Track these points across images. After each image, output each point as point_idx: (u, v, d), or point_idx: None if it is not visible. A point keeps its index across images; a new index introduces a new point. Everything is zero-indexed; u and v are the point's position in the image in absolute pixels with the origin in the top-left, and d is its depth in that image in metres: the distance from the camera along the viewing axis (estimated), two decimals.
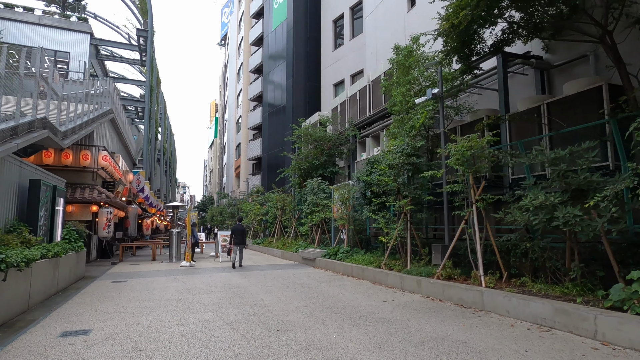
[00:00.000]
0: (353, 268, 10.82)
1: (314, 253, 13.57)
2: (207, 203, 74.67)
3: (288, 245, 18.00)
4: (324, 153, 17.60)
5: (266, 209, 23.65)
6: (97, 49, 33.22)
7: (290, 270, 12.37)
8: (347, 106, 18.16)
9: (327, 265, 12.55)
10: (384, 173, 9.67)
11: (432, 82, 10.94)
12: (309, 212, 15.96)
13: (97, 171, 15.73)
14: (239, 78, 47.73)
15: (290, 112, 28.40)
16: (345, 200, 13.18)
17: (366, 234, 13.73)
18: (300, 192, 18.46)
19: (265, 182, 32.92)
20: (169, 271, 12.38)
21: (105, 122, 18.39)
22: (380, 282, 9.36)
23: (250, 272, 11.80)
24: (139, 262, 15.99)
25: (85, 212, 15.07)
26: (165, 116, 48.55)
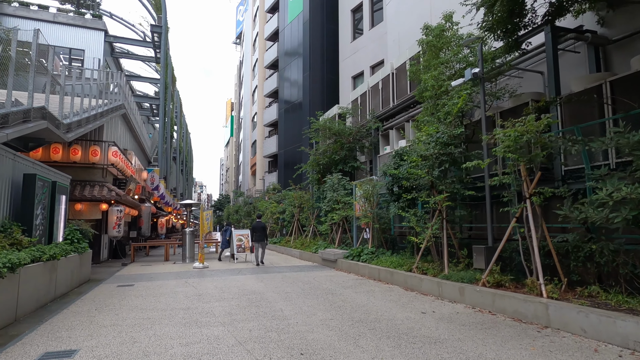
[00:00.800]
0: (380, 271, 9.76)
1: (335, 254, 12.56)
2: (223, 202, 74.50)
3: (306, 245, 17.04)
4: (344, 147, 16.55)
5: (283, 207, 22.75)
6: (112, 46, 32.88)
7: (310, 272, 11.39)
8: (368, 97, 17.06)
9: (350, 268, 11.53)
10: (415, 165, 8.58)
11: (468, 64, 9.77)
12: (329, 209, 14.95)
13: (107, 168, 15.04)
14: (254, 74, 47.01)
15: (307, 107, 27.42)
16: (369, 197, 12.13)
17: (397, 234, 12.65)
18: (318, 189, 17.47)
19: (281, 180, 32.05)
20: (180, 273, 11.54)
21: (117, 117, 17.74)
22: (413, 288, 8.29)
23: (267, 275, 10.86)
24: (150, 262, 15.25)
25: (94, 211, 14.39)
26: (180, 114, 48.18)
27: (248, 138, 51.84)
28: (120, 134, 18.51)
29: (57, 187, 8.77)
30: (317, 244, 15.66)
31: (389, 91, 15.42)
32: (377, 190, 12.14)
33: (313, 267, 12.76)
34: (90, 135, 15.00)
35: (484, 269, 7.48)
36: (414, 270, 8.85)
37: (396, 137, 14.68)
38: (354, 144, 16.58)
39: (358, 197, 13.10)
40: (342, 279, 10.09)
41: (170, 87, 37.28)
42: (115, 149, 14.66)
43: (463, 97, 8.21)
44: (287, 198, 22.55)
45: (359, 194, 13.24)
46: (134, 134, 22.81)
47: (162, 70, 32.11)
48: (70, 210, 13.99)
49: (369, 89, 17.12)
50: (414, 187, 9.59)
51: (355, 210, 13.69)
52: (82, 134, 11.96)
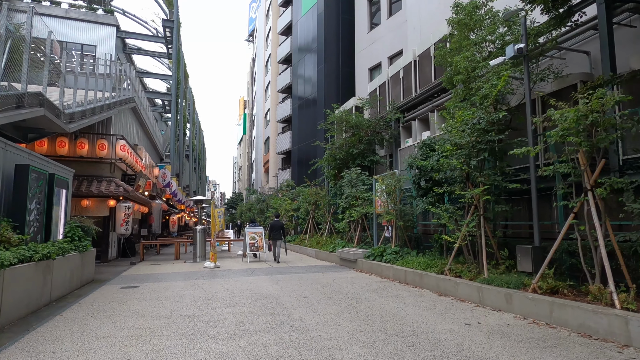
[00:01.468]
0: (407, 273, 8.84)
1: (354, 253, 11.68)
2: (236, 200, 74.21)
3: (323, 244, 16.18)
4: (362, 141, 15.63)
5: (297, 204, 21.94)
6: (124, 42, 32.46)
7: (329, 273, 10.53)
8: (388, 87, 16.11)
9: (371, 269, 10.64)
10: (450, 154, 7.63)
11: (504, 43, 8.77)
12: (347, 206, 14.07)
13: (115, 162, 14.40)
14: (267, 70, 46.32)
15: (322, 101, 26.55)
16: (392, 192, 11.20)
17: (420, 232, 11.72)
18: (335, 185, 16.59)
19: (295, 177, 31.27)
20: (190, 274, 10.80)
21: (126, 110, 17.13)
22: (447, 293, 7.36)
23: (282, 276, 10.04)
24: (160, 261, 14.59)
25: (102, 207, 13.77)
26: (193, 112, 47.78)
27: (261, 135, 51.25)
28: (130, 128, 17.92)
29: (56, 180, 8.08)
30: (335, 243, 14.80)
31: (410, 80, 14.44)
32: (401, 185, 11.22)
33: (331, 268, 11.90)
34: (97, 129, 14.39)
35: (532, 273, 6.53)
36: (446, 272, 7.91)
37: (419, 128, 13.70)
38: (373, 137, 15.65)
39: (379, 193, 12.19)
40: (365, 281, 9.20)
41: (182, 83, 36.82)
42: (123, 143, 14.02)
43: (505, 76, 7.22)
44: (301, 195, 21.74)
45: (379, 189, 12.34)
46: (145, 129, 22.25)
47: (173, 65, 31.61)
48: (77, 207, 13.40)
49: (388, 79, 16.16)
50: (445, 180, 8.64)
51: (376, 206, 12.79)
52: (86, 125, 11.31)
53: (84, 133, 13.85)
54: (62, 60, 11.18)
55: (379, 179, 11.85)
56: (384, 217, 11.21)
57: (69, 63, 13.65)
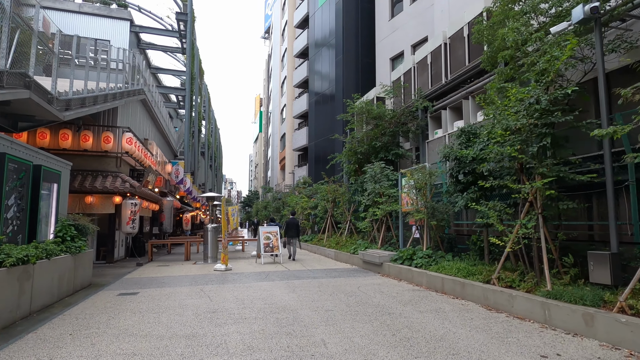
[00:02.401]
0: (445, 281, 7.59)
1: (380, 256, 10.47)
2: (252, 198, 73.67)
3: (342, 245, 15.01)
4: (385, 133, 14.38)
5: (315, 201, 20.82)
6: (138, 37, 31.85)
7: (352, 279, 9.35)
8: (413, 75, 14.80)
9: (400, 274, 9.41)
10: (503, 140, 6.34)
11: (559, 13, 7.42)
12: (370, 204, 12.85)
13: (122, 156, 13.51)
14: (283, 65, 45.32)
15: (340, 93, 25.33)
16: (422, 188, 9.94)
17: (452, 233, 10.44)
18: (356, 181, 15.38)
19: (312, 174, 30.17)
20: (198, 278, 9.76)
21: (135, 102, 16.27)
22: (499, 308, 6.10)
23: (300, 282, 8.90)
24: (169, 262, 13.64)
25: (107, 204, 12.89)
26: (209, 109, 47.11)
27: (277, 132, 50.34)
28: (139, 121, 17.07)
29: (44, 173, 7.11)
30: (356, 244, 13.61)
31: (439, 65, 13.11)
32: (432, 180, 9.95)
33: (353, 272, 10.72)
34: (102, 120, 13.53)
35: (610, 286, 5.23)
36: (494, 281, 6.65)
37: (450, 117, 12.38)
38: (398, 129, 14.37)
39: (406, 189, 10.96)
40: (394, 289, 7.99)
41: (197, 79, 36.09)
42: (129, 136, 13.10)
43: (572, 44, 5.89)
44: (319, 192, 20.60)
45: (406, 185, 11.11)
46: (157, 124, 21.43)
47: (187, 60, 30.85)
48: (80, 204, 12.55)
49: (414, 66, 14.85)
50: (490, 172, 7.35)
51: (402, 204, 11.56)
52: (85, 114, 10.39)
53: (88, 125, 13.00)
54: (59, 49, 10.28)
55: (407, 173, 10.60)
56: (413, 216, 9.96)
57: (71, 53, 12.82)
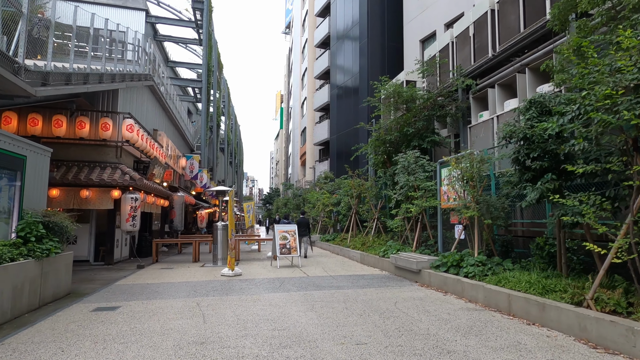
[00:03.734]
0: (512, 299, 5.74)
1: (417, 261, 8.65)
2: (273, 195, 72.66)
3: (369, 246, 13.23)
4: (419, 117, 12.48)
5: (337, 197, 19.09)
6: (155, 28, 30.79)
7: (385, 290, 7.58)
8: (451, 51, 12.86)
9: (444, 284, 7.58)
10: (612, 103, 4.42)
11: None
12: (402, 199, 11.04)
13: (122, 146, 12.12)
14: (304, 57, 43.71)
15: (365, 81, 23.47)
16: (471, 179, 8.07)
17: (503, 234, 8.52)
18: (384, 174, 13.54)
19: (334, 168, 28.44)
20: (199, 285, 8.19)
21: (141, 89, 14.90)
22: (607, 345, 4.22)
23: (321, 293, 7.19)
24: (174, 264, 12.17)
25: (105, 199, 11.52)
26: (229, 104, 45.97)
27: (297, 127, 48.83)
28: (146, 110, 15.70)
29: (2, 158, 5.63)
30: (385, 245, 11.82)
31: (485, 36, 11.14)
32: (483, 169, 8.06)
33: (385, 280, 8.94)
34: (100, 106, 12.17)
35: None
36: (588, 303, 4.77)
37: (500, 96, 10.42)
38: (434, 112, 12.45)
39: (446, 181, 9.12)
40: (443, 307, 6.18)
41: (215, 72, 34.90)
42: (130, 122, 11.68)
43: None
44: (342, 187, 18.88)
45: (447, 176, 9.28)
46: (169, 115, 20.11)
47: (204, 50, 29.60)
48: (75, 198, 11.21)
49: (452, 41, 12.91)
50: (584, 153, 5.44)
51: (442, 198, 9.74)
52: (69, 92, 8.94)
53: (84, 110, 11.65)
54: None
55: (451, 161, 8.71)
56: (462, 213, 8.08)
57: None
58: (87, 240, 11.81)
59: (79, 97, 11.05)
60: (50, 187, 10.89)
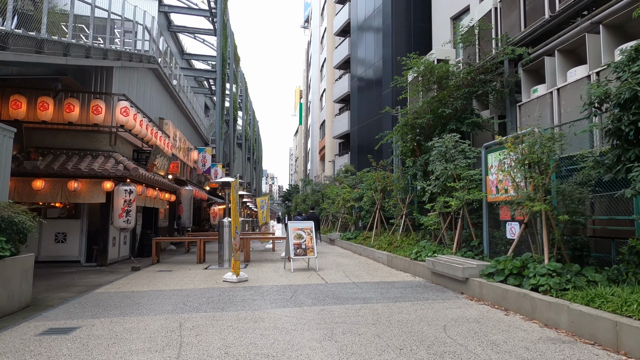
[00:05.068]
0: (622, 328, 3.93)
1: (463, 267, 6.89)
2: (292, 192, 71.48)
3: (397, 246, 11.52)
4: (458, 95, 10.63)
5: (359, 192, 17.39)
6: (169, 19, 29.66)
7: (425, 305, 5.87)
8: (495, 18, 10.97)
9: (502, 299, 5.81)
10: None
11: None
12: (438, 191, 9.29)
13: (117, 132, 10.75)
14: (322, 47, 42.03)
15: (389, 67, 21.62)
16: (537, 163, 6.26)
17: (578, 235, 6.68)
18: (414, 164, 11.74)
19: (355, 162, 26.71)
20: (193, 295, 6.66)
21: (144, 72, 13.54)
22: None
23: (343, 310, 5.55)
24: (175, 266, 10.74)
25: (96, 192, 10.16)
26: (246, 98, 44.68)
27: (316, 120, 47.25)
28: (150, 95, 14.34)
29: None
30: (417, 245, 10.09)
31: None
32: (554, 149, 6.23)
33: (421, 289, 7.22)
34: (93, 87, 10.83)
35: None
36: None
37: (561, 65, 8.50)
38: (475, 89, 10.57)
39: (501, 168, 7.33)
40: (512, 335, 4.44)
41: (232, 64, 33.63)
42: (125, 105, 10.26)
43: None
44: (364, 180, 17.17)
45: (496, 162, 7.51)
46: (179, 105, 18.77)
47: (218, 39, 28.28)
48: (63, 191, 9.88)
49: (495, 6, 11.00)
50: None
51: (488, 190, 7.99)
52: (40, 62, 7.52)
53: (73, 92, 10.32)
54: None
55: (506, 142, 6.87)
56: (526, 207, 6.27)
57: None
58: (77, 238, 10.50)
59: (65, 76, 9.71)
60: (34, 178, 9.62)
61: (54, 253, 10.29)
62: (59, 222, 10.49)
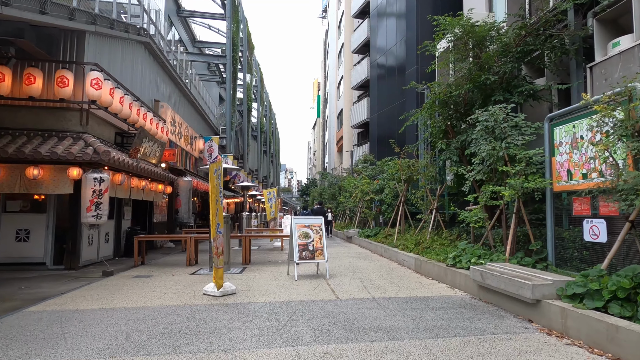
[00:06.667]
0: None
1: (533, 284, 4.78)
2: (310, 186, 69.81)
3: (427, 247, 9.45)
4: (508, 59, 8.37)
5: (379, 183, 15.33)
6: (178, 3, 28.01)
7: (482, 345, 3.84)
8: None
9: (607, 340, 3.72)
10: None
11: None
12: (484, 178, 7.19)
13: (89, 109, 9.00)
14: (340, 32, 39.83)
15: (413, 45, 19.34)
16: None
17: None
18: (448, 147, 9.54)
19: (374, 152, 24.58)
20: (151, 319, 4.80)
21: (133, 46, 11.78)
22: None
23: (353, 351, 3.58)
24: (158, 270, 8.93)
25: (61, 180, 8.43)
26: (262, 89, 42.81)
27: (334, 111, 45.19)
28: (142, 75, 12.58)
29: None
30: (455, 248, 8.02)
31: None
32: None
33: (467, 311, 5.17)
34: (62, 55, 9.10)
35: None
36: None
37: None
38: (529, 48, 8.28)
39: (565, 146, 5.22)
40: None
41: (245, 52, 31.83)
42: (97, 76, 8.47)
43: None
44: (385, 170, 15.09)
45: (568, 137, 5.42)
46: (180, 88, 17.03)
47: (228, 21, 26.49)
48: (21, 179, 8.18)
49: None
50: None
51: (555, 175, 5.93)
52: None
53: (33, 61, 8.61)
54: None
55: (598, 104, 4.72)
56: None
57: None
58: (42, 236, 8.81)
59: (20, 39, 7.99)
60: None
61: (14, 253, 8.64)
62: (20, 217, 8.83)
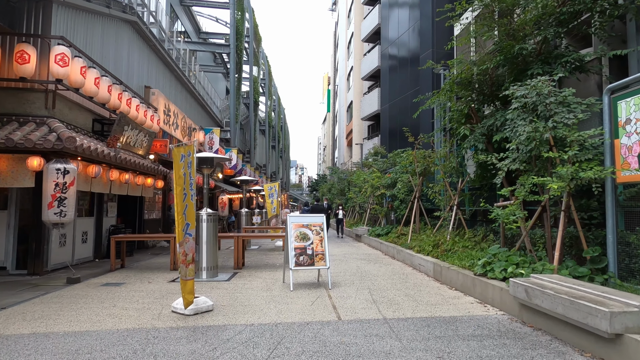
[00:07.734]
0: None
1: (611, 311, 3.44)
2: (320, 182, 68.60)
3: (447, 249, 8.09)
4: (549, 23, 6.93)
5: (391, 177, 13.97)
6: None
7: None
8: None
9: None
10: None
11: None
12: (522, 167, 5.81)
13: (55, 89, 7.80)
14: (350, 21, 38.34)
15: (429, 24, 17.86)
16: None
17: None
18: (471, 133, 8.11)
19: (386, 143, 23.19)
20: (84, 353, 3.57)
21: (117, 25, 10.59)
22: None
23: None
24: (136, 275, 7.73)
25: (20, 171, 7.28)
26: (270, 82, 41.48)
27: (343, 104, 43.78)
28: (129, 59, 11.39)
29: None
30: (484, 251, 6.68)
31: None
32: None
33: (509, 341, 3.83)
34: (25, 28, 7.93)
35: None
36: None
37: None
38: (575, 9, 6.81)
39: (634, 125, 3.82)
40: None
41: (252, 43, 30.54)
42: (62, 51, 7.27)
43: None
44: (398, 163, 13.75)
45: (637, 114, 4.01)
46: (176, 75, 15.84)
47: (231, 7, 25.23)
48: None
49: None
50: None
51: (619, 163, 4.55)
52: None
53: None
54: None
55: None
56: None
57: None
58: (3, 236, 7.68)
59: None
60: None
61: None
62: None
